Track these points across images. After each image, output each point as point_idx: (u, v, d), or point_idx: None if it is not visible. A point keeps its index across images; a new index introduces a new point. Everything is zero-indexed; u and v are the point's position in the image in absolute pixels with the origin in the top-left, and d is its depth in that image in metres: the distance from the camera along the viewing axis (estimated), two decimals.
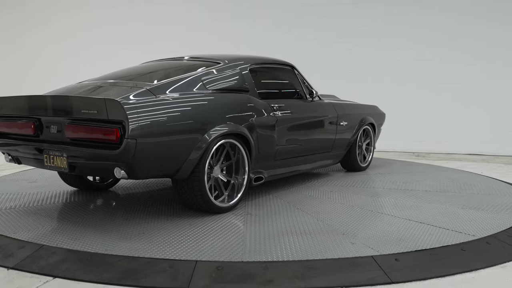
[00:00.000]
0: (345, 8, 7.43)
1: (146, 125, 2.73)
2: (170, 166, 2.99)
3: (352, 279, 2.24)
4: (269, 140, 3.66)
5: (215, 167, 3.25)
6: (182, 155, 2.98)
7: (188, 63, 3.85)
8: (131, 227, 2.99)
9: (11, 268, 2.37)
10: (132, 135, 2.64)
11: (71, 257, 2.46)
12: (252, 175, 3.53)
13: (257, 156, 3.56)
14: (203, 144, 3.05)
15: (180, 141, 2.96)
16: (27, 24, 8.76)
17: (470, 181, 4.68)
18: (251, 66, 3.83)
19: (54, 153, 3.02)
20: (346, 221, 3.13)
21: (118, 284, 2.18)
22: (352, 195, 3.93)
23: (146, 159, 2.80)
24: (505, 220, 3.21)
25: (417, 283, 2.24)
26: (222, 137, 3.20)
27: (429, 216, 3.25)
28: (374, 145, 5.34)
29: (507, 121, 7.02)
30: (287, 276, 2.26)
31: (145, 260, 2.41)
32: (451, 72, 7.16)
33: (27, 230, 2.89)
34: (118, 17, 8.34)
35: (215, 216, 3.22)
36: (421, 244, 2.67)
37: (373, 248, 2.58)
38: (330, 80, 7.26)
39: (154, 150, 2.82)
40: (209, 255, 2.48)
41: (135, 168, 2.77)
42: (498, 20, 6.92)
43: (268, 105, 3.71)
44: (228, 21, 7.90)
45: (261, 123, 3.56)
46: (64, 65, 8.52)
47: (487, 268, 2.43)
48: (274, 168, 3.85)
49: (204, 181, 3.11)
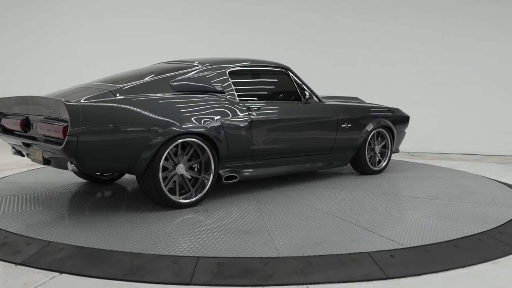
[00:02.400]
0: (344, 13, 7.43)
1: (91, 124, 2.90)
2: (121, 162, 3.14)
3: (349, 275, 2.25)
4: (241, 140, 3.63)
5: (179, 165, 3.31)
6: (133, 153, 3.09)
7: (170, 66, 3.90)
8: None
9: (19, 264, 2.37)
10: (73, 133, 2.82)
11: (77, 253, 2.47)
12: (223, 173, 3.56)
13: (228, 156, 3.58)
14: (155, 143, 3.13)
15: (130, 140, 3.08)
16: (33, 29, 8.75)
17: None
18: (231, 69, 3.83)
19: (35, 147, 3.26)
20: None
21: (123, 280, 2.19)
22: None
23: (91, 156, 2.97)
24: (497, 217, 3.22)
25: (411, 278, 2.24)
26: (181, 136, 3.26)
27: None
28: (391, 149, 5.00)
29: (497, 122, 7.04)
30: (287, 271, 2.27)
31: (148, 256, 2.42)
32: (444, 74, 7.17)
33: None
34: (121, 22, 8.34)
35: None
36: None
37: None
38: (328, 82, 7.27)
39: (100, 147, 2.98)
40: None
41: (81, 163, 2.96)
42: (491, 24, 6.93)
43: (244, 106, 3.71)
44: (228, 24, 7.90)
45: (230, 123, 3.56)
46: (69, 68, 8.52)
47: (480, 264, 2.43)
48: (253, 168, 3.83)
49: (159, 177, 3.19)
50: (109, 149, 3.03)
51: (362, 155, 4.69)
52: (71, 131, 2.81)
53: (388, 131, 4.91)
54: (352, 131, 4.51)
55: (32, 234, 2.75)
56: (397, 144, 5.16)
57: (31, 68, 8.77)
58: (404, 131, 5.29)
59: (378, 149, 4.88)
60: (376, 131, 4.76)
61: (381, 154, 4.97)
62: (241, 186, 4.14)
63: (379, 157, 4.92)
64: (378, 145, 4.88)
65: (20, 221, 3.04)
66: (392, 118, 4.98)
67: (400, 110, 5.23)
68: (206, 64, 3.78)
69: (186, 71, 3.65)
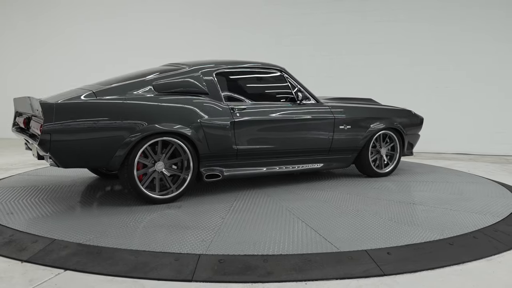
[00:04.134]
0: (340, 16, 7.43)
1: (64, 122, 3.06)
2: (96, 159, 3.25)
3: (347, 272, 2.25)
4: (222, 140, 3.64)
5: (159, 162, 3.39)
6: (108, 150, 3.21)
7: (161, 68, 3.96)
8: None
9: (25, 261, 2.37)
10: (46, 130, 3.00)
11: (81, 250, 2.47)
12: (204, 171, 3.60)
13: (210, 155, 3.60)
14: (129, 142, 3.23)
15: (103, 138, 3.18)
16: (40, 33, 8.76)
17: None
18: (218, 71, 3.82)
19: (34, 144, 3.34)
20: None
21: (126, 276, 2.19)
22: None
23: (65, 152, 3.11)
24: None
25: (408, 275, 2.24)
26: (155, 135, 3.34)
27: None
28: (400, 152, 4.74)
29: (491, 123, 7.05)
30: (286, 268, 2.27)
31: (151, 253, 2.42)
32: (440, 78, 7.17)
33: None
34: (125, 26, 8.34)
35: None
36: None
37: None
38: (325, 84, 7.28)
39: (73, 144, 3.11)
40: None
41: (57, 159, 3.11)
42: (484, 28, 6.93)
43: (227, 107, 3.70)
44: (228, 29, 7.91)
45: (211, 123, 3.58)
46: (76, 69, 8.52)
47: (474, 261, 2.43)
48: (238, 167, 3.82)
49: (134, 174, 3.30)
50: (82, 147, 3.14)
51: (365, 157, 4.49)
52: (44, 128, 3.00)
53: (396, 133, 4.67)
54: (352, 133, 4.35)
55: (37, 232, 2.75)
56: (409, 147, 4.87)
57: (38, 69, 8.77)
58: (418, 134, 4.99)
59: (384, 152, 4.64)
60: (382, 133, 4.56)
61: (391, 157, 4.74)
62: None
63: (386, 160, 4.69)
64: (385, 148, 4.64)
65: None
66: (402, 120, 4.72)
67: (412, 112, 4.96)
68: (193, 67, 3.79)
69: (171, 73, 3.69)
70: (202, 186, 4.13)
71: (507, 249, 2.62)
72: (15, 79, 8.87)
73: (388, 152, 4.71)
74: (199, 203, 3.50)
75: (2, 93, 8.81)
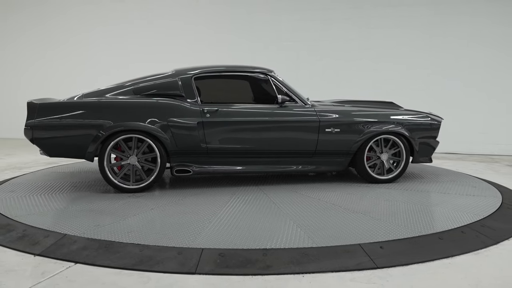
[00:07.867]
0: (338, 21, 7.43)
1: (44, 119, 3.58)
2: (74, 151, 3.66)
3: (342, 265, 2.25)
4: (190, 139, 3.75)
5: (131, 156, 3.69)
6: (82, 145, 3.61)
7: (152, 73, 4.11)
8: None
9: (37, 254, 2.38)
10: (28, 125, 3.59)
11: (91, 245, 2.47)
12: (174, 166, 3.82)
13: (178, 151, 3.77)
14: (98, 137, 3.59)
15: (77, 135, 3.60)
16: (50, 38, 8.76)
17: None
18: (197, 75, 3.93)
19: None
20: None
21: (133, 269, 2.19)
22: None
23: (46, 144, 3.61)
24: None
25: (399, 268, 2.25)
26: (123, 132, 3.62)
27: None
28: (407, 158, 4.22)
29: (479, 124, 7.05)
30: (284, 261, 2.27)
31: (156, 247, 2.43)
32: (430, 81, 7.17)
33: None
34: (132, 32, 8.34)
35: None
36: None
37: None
38: (322, 87, 7.28)
39: (51, 138, 3.59)
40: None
41: (42, 149, 3.66)
42: (476, 33, 6.92)
43: (199, 109, 3.77)
44: (228, 34, 7.90)
45: (179, 123, 3.72)
46: (85, 74, 8.52)
47: (462, 255, 2.44)
48: (209, 164, 3.87)
49: (104, 166, 3.66)
50: (60, 140, 3.60)
51: (359, 161, 4.12)
52: (26, 123, 3.60)
53: (404, 139, 4.20)
54: (342, 136, 4.02)
55: (49, 227, 2.75)
56: (422, 153, 4.31)
57: (49, 72, 8.77)
58: (434, 139, 4.37)
59: (385, 157, 4.20)
60: (383, 137, 4.15)
61: (398, 163, 4.26)
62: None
63: (389, 165, 4.24)
64: (386, 153, 4.21)
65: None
66: (409, 124, 4.20)
67: (430, 115, 4.41)
68: (174, 72, 3.97)
69: (153, 77, 3.93)
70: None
71: (493, 243, 2.62)
72: (28, 81, 8.86)
73: (395, 158, 4.26)
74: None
75: (15, 95, 8.81)
